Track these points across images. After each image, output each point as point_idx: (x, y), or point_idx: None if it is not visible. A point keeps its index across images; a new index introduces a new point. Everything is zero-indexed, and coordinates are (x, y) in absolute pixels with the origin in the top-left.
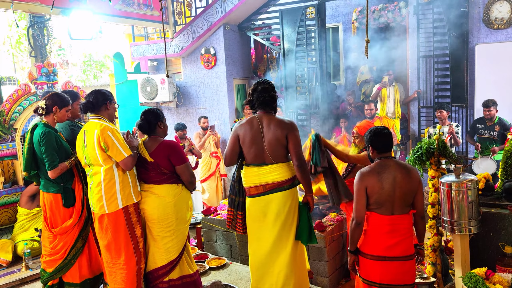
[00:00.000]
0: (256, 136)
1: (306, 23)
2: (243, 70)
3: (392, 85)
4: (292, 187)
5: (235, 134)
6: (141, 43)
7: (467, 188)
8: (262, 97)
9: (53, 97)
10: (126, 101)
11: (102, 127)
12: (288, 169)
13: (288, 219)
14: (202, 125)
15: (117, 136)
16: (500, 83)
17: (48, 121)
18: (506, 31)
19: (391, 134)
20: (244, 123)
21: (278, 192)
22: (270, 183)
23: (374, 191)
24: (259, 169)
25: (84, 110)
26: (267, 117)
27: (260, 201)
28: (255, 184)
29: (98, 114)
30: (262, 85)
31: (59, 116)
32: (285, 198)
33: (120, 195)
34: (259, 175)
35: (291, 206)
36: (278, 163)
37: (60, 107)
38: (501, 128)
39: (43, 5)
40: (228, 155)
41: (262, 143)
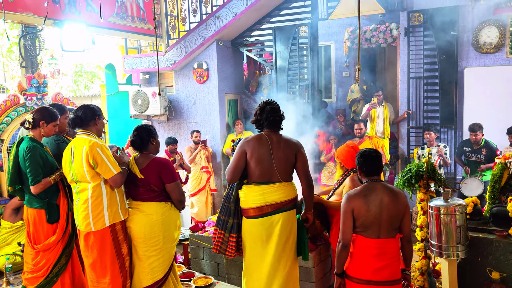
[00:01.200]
0: (265, 153)
1: (299, 41)
2: (235, 85)
3: (381, 105)
4: (293, 208)
5: (241, 149)
6: (134, 55)
7: (456, 213)
8: (272, 117)
9: (41, 111)
10: (117, 112)
11: (91, 143)
12: (292, 189)
13: (289, 239)
14: (194, 139)
15: (106, 153)
16: (488, 106)
17: (34, 135)
18: (495, 55)
19: (381, 157)
20: (251, 139)
21: (283, 213)
22: (275, 203)
23: (360, 213)
24: (264, 187)
25: (72, 125)
26: (275, 135)
27: (264, 222)
28: (259, 204)
29: (86, 129)
30: (271, 105)
31: (45, 130)
32: (288, 218)
33: (107, 213)
34: (263, 194)
35: (293, 226)
36: (284, 181)
37: (47, 122)
38: (488, 151)
39: (36, 16)
40: (232, 171)
41: (271, 160)
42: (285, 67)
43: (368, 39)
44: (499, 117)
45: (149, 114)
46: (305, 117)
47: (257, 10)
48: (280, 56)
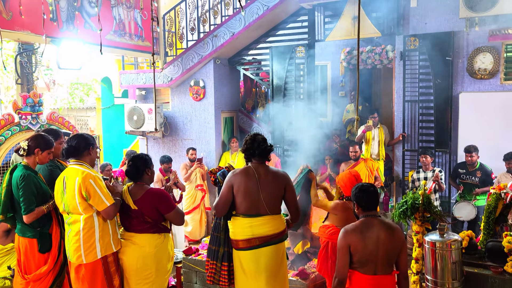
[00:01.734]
0: (252, 186)
1: (296, 61)
2: (231, 103)
3: (377, 127)
4: (282, 241)
5: (228, 183)
6: (130, 71)
7: (451, 249)
8: (263, 146)
9: (36, 138)
10: (112, 126)
11: (84, 174)
12: (280, 222)
13: (279, 272)
14: (190, 156)
15: (99, 184)
16: (483, 131)
17: (28, 162)
18: (489, 81)
19: (377, 192)
20: (238, 172)
21: (271, 246)
22: (263, 236)
23: (357, 249)
24: (252, 220)
25: (66, 156)
26: (262, 167)
27: (253, 255)
28: (247, 237)
29: (79, 159)
30: (261, 135)
31: (40, 158)
32: (277, 251)
33: (99, 245)
34: (251, 227)
35: (283, 260)
36: (272, 214)
37: (42, 150)
38: (483, 174)
39: (33, 34)
40: (221, 205)
41: (258, 193)
42: (281, 86)
43: (364, 60)
44: (493, 142)
45: (145, 131)
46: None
47: (255, 30)
48: (276, 76)
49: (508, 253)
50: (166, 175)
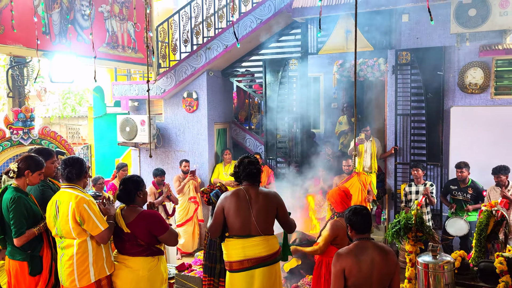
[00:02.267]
0: (243, 207)
1: (289, 73)
2: (224, 115)
3: (369, 140)
4: (275, 262)
5: (220, 206)
6: (123, 82)
7: (444, 270)
8: (248, 169)
9: (26, 160)
10: (104, 135)
11: (77, 199)
12: (273, 243)
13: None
14: (183, 168)
15: (93, 209)
16: (474, 145)
17: (19, 184)
18: (480, 96)
19: (370, 214)
20: (229, 195)
21: (264, 267)
22: (255, 258)
23: (352, 273)
24: (244, 241)
25: (67, 180)
26: (253, 189)
27: (245, 277)
28: (239, 258)
29: (73, 183)
30: (248, 158)
31: (30, 179)
32: (270, 273)
33: (93, 269)
34: (243, 248)
35: (276, 281)
36: (265, 235)
37: (32, 171)
38: (474, 191)
39: (26, 48)
40: (214, 227)
41: (249, 214)
42: (274, 98)
43: (356, 72)
44: (484, 156)
45: (137, 142)
46: (294, 147)
47: (248, 42)
48: (269, 88)
49: (499, 273)
50: (159, 188)
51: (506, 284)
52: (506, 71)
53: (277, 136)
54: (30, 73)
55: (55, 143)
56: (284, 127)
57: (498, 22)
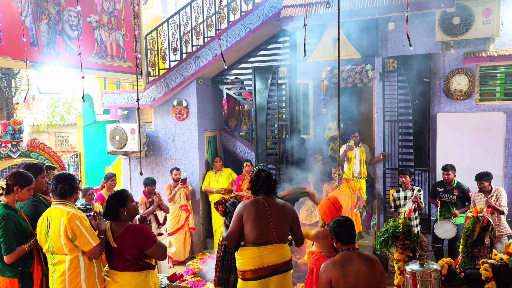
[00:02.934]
0: (262, 215)
1: (278, 81)
2: (214, 122)
3: (358, 146)
4: (288, 270)
5: (239, 214)
6: (112, 91)
7: (431, 279)
8: (268, 182)
9: (15, 176)
10: (93, 143)
11: (69, 215)
12: (287, 250)
13: None
14: (174, 176)
15: (85, 224)
16: (460, 150)
17: (8, 201)
18: (465, 102)
19: (353, 225)
20: (248, 204)
21: (278, 275)
22: (272, 265)
23: (338, 284)
24: (261, 249)
25: (60, 196)
26: (270, 199)
27: (260, 285)
28: (255, 266)
29: (64, 199)
30: (265, 172)
31: (20, 195)
32: (283, 280)
33: (85, 284)
34: (261, 256)
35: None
36: (281, 243)
37: (22, 187)
38: (460, 192)
39: (13, 59)
40: (231, 236)
41: (268, 222)
42: (264, 106)
43: (344, 79)
44: (469, 161)
45: (127, 151)
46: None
47: (237, 51)
48: (259, 95)
49: (485, 280)
50: (150, 197)
51: None
52: (490, 77)
53: (267, 142)
54: (18, 84)
55: (44, 155)
56: (274, 134)
57: (481, 30)
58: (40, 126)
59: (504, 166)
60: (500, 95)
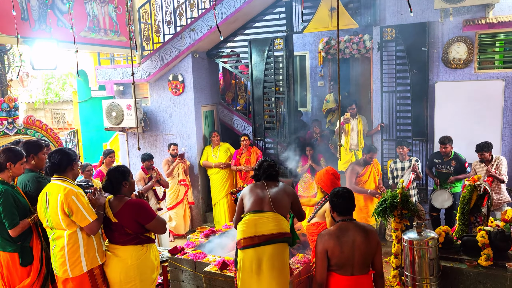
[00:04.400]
0: (260, 188)
1: (274, 53)
2: (211, 96)
3: (355, 118)
4: (285, 242)
5: (240, 197)
6: (107, 66)
7: (429, 247)
8: (268, 171)
9: (5, 153)
10: (90, 120)
11: (66, 191)
12: (285, 224)
13: (282, 273)
14: (171, 152)
15: (81, 200)
16: (458, 120)
17: (3, 177)
18: (463, 70)
19: (353, 197)
20: (249, 185)
21: (273, 244)
22: (265, 234)
23: (334, 254)
24: (256, 217)
25: (50, 173)
26: (272, 182)
27: (254, 253)
28: (250, 234)
29: (61, 175)
30: (267, 162)
31: (14, 171)
32: (278, 250)
33: (85, 259)
34: (255, 225)
35: (284, 260)
36: (277, 213)
37: (14, 162)
38: (457, 163)
39: (4, 35)
40: (236, 218)
41: (265, 192)
42: (261, 79)
43: (342, 50)
44: (467, 131)
45: (124, 127)
46: (282, 127)
47: (232, 23)
48: (255, 68)
49: (481, 247)
50: (148, 172)
51: (487, 256)
52: (489, 44)
53: (264, 116)
54: (11, 61)
55: (41, 132)
56: (271, 107)
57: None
58: (36, 103)
59: (502, 135)
60: (499, 63)
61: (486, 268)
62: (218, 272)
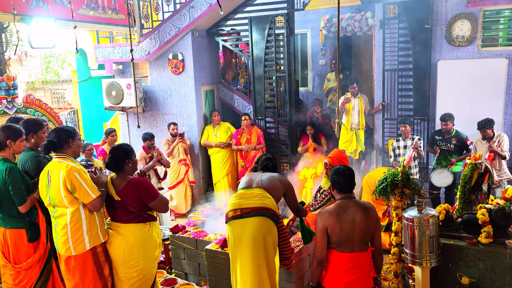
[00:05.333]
0: (255, 174)
1: (275, 31)
2: (211, 75)
3: (357, 97)
4: (268, 217)
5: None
6: (106, 45)
7: (429, 224)
8: (265, 163)
9: (4, 130)
10: (90, 99)
11: (68, 168)
12: (271, 202)
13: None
14: (171, 131)
15: (84, 177)
16: (460, 98)
17: (5, 155)
18: (467, 48)
19: (354, 175)
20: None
21: (255, 217)
22: (247, 207)
23: (334, 232)
24: (243, 191)
25: (46, 151)
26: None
27: (236, 225)
28: (233, 207)
29: (61, 153)
30: (266, 156)
31: (14, 148)
32: (261, 224)
33: (87, 236)
34: (240, 198)
35: (267, 234)
36: (266, 191)
37: (14, 140)
38: (458, 141)
39: (1, 12)
40: None
41: (257, 177)
42: (261, 57)
43: (343, 28)
44: (469, 109)
45: (124, 106)
46: (283, 107)
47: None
48: (256, 46)
49: (482, 224)
50: (149, 152)
51: (487, 234)
52: (494, 22)
53: (265, 95)
54: (8, 39)
55: (40, 111)
56: (272, 86)
57: None
58: (35, 82)
59: (504, 113)
60: (503, 40)
61: (485, 245)
62: (219, 250)
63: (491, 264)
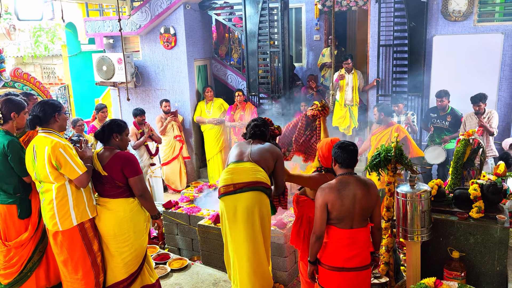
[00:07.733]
0: (245, 144)
1: (269, 5)
2: (204, 50)
3: (351, 73)
4: (261, 191)
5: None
6: (96, 18)
7: (421, 199)
8: (253, 131)
9: (7, 104)
10: (81, 74)
11: (53, 143)
12: (263, 175)
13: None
14: (164, 108)
15: (69, 153)
16: (455, 74)
17: (7, 128)
18: (463, 23)
19: (357, 150)
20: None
21: (247, 192)
22: (240, 183)
23: (334, 207)
24: (234, 165)
25: (31, 126)
26: (258, 140)
27: (229, 200)
28: (226, 183)
29: (47, 127)
30: (255, 122)
31: (18, 121)
32: (253, 198)
33: (74, 212)
34: (232, 173)
35: (261, 208)
36: (257, 165)
37: (18, 112)
38: (453, 118)
39: None
40: None
41: (247, 149)
42: (255, 32)
43: (339, 2)
44: (464, 85)
45: (116, 81)
46: (276, 82)
47: None
48: (250, 21)
49: (473, 199)
50: (140, 128)
51: (479, 208)
52: None
53: (259, 71)
54: None
55: (29, 85)
56: (266, 62)
57: None
58: (25, 57)
59: (498, 90)
60: (499, 15)
61: (476, 220)
62: (212, 225)
63: (481, 239)
